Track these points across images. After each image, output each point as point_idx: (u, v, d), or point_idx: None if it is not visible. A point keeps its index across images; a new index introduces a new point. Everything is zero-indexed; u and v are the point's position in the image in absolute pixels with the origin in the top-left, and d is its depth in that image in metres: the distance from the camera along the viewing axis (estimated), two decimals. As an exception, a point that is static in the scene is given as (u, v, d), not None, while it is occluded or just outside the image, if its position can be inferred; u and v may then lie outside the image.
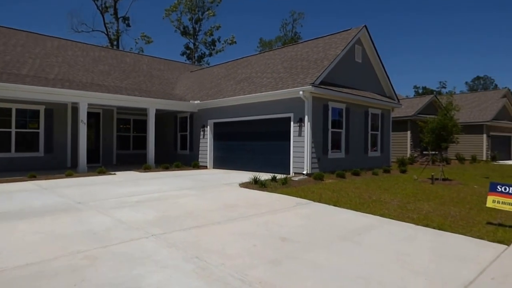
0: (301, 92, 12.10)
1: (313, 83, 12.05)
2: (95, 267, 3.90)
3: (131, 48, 43.39)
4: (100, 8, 40.51)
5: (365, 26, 15.28)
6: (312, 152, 12.43)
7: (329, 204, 7.58)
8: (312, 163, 12.42)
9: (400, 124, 22.07)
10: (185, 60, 45.19)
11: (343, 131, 13.98)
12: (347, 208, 7.22)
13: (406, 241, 5.08)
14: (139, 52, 36.97)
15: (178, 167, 15.67)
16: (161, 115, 18.98)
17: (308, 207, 7.36)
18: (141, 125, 19.26)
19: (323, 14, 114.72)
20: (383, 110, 16.48)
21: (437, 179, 11.90)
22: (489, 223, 6.04)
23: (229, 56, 76.26)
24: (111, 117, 18.14)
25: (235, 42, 46.72)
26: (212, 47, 47.29)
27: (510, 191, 5.86)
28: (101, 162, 17.39)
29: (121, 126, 19.13)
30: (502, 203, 5.91)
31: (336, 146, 13.77)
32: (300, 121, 12.47)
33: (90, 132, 16.53)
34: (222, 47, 47.18)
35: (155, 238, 5.00)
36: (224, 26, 71.56)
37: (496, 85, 79.76)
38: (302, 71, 13.77)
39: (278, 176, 11.10)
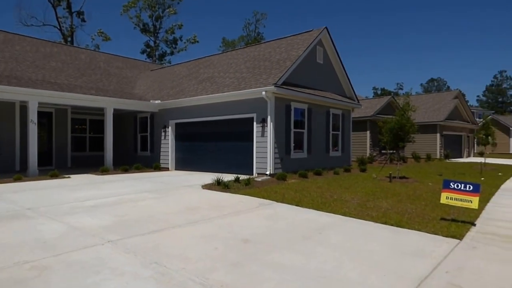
0: (263, 93, 12.11)
1: (275, 84, 12.10)
2: (44, 277, 3.61)
3: (87, 45, 41.44)
4: (52, 1, 38.25)
5: (326, 27, 15.61)
6: (275, 153, 12.48)
7: (292, 204, 7.61)
8: (275, 163, 12.47)
9: (360, 124, 22.79)
10: (146, 59, 43.90)
11: (305, 131, 14.17)
12: (310, 207, 7.28)
13: (366, 238, 5.19)
14: (95, 49, 35.37)
15: (138, 169, 15.14)
16: (120, 115, 18.26)
17: (271, 207, 7.34)
18: (98, 126, 18.42)
19: (286, 15, 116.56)
20: (343, 110, 16.91)
21: (394, 177, 12.38)
22: (443, 218, 6.32)
23: (192, 55, 75.38)
24: (65, 117, 17.17)
25: (198, 41, 46.13)
26: (174, 46, 46.36)
27: (462, 188, 6.17)
28: (54, 165, 16.41)
29: (76, 126, 18.18)
30: (454, 199, 6.20)
31: (298, 146, 13.93)
32: (263, 121, 12.48)
33: (41, 133, 15.55)
34: (185, 46, 46.41)
35: (111, 244, 4.74)
36: (187, 25, 70.69)
37: (448, 87, 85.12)
38: (265, 72, 13.80)
39: (242, 177, 11.03)
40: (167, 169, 16.00)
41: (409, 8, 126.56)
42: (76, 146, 18.05)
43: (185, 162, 15.72)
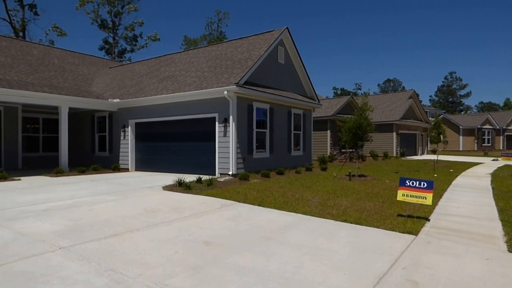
0: (225, 92, 12.00)
1: (237, 83, 12.03)
2: (-19, 293, 3.30)
3: (41, 39, 39.16)
4: (1, -8, 35.73)
5: (287, 28, 15.76)
6: (237, 153, 12.41)
7: (254, 204, 7.58)
8: (237, 163, 12.40)
9: (321, 124, 23.29)
10: (104, 55, 42.24)
11: (267, 131, 14.23)
12: (272, 207, 7.28)
13: (327, 237, 5.25)
14: (49, 45, 33.42)
15: (96, 170, 14.47)
16: (76, 114, 17.36)
17: (233, 208, 7.27)
18: (53, 125, 17.40)
19: (248, 15, 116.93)
20: (305, 110, 17.18)
21: (354, 175, 12.74)
22: (400, 215, 6.56)
23: (153, 53, 73.40)
24: (15, 116, 16.03)
25: (159, 39, 45.05)
26: (134, 43, 44.93)
27: (417, 185, 6.44)
28: (2, 166, 15.29)
29: (28, 125, 17.07)
30: (410, 196, 6.46)
31: (261, 146, 13.96)
32: (225, 121, 12.37)
33: (-13, 133, 14.42)
34: (145, 44, 45.12)
35: (63, 251, 4.45)
36: (148, 23, 68.61)
37: (403, 87, 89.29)
38: (226, 71, 13.68)
39: (204, 177, 10.85)
40: (126, 170, 15.42)
41: (365, 10, 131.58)
42: (29, 146, 16.96)
43: (145, 163, 15.24)
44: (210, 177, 11.10)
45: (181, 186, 9.60)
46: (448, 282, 3.64)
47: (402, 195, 6.56)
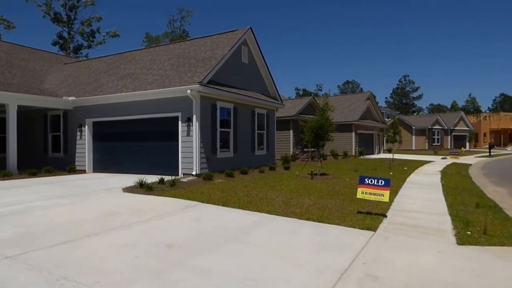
0: (188, 91, 11.81)
1: (201, 82, 11.87)
2: None
3: (-15, 32, 36.32)
4: None
5: (251, 28, 15.81)
6: (201, 152, 12.26)
7: (218, 204, 7.52)
8: (201, 163, 12.25)
9: (284, 124, 23.60)
10: (58, 51, 39.97)
11: (231, 130, 14.18)
12: (236, 207, 7.26)
13: (290, 235, 5.32)
14: (-5, 38, 31.11)
15: (50, 172, 13.67)
16: (27, 113, 16.27)
17: (197, 209, 7.16)
18: (0, 124, 16.19)
19: (211, 14, 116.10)
20: (268, 110, 17.32)
21: (316, 174, 13.03)
22: (359, 212, 6.79)
23: (112, 50, 70.62)
24: (-46, 115, 14.76)
25: (118, 35, 43.37)
26: (91, 39, 42.95)
27: (375, 183, 6.70)
28: None
29: (-29, 125, 15.74)
30: (369, 194, 6.71)
31: (225, 145, 13.90)
32: (189, 120, 12.17)
33: None
34: (103, 40, 43.26)
35: (10, 260, 4.14)
36: (107, 18, 65.93)
37: (361, 89, 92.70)
38: (190, 70, 13.47)
39: (167, 178, 10.60)
40: (83, 171, 14.71)
41: (325, 13, 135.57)
42: (-30, 148, 15.63)
43: (104, 164, 14.62)
44: (173, 177, 10.86)
45: (142, 188, 9.31)
46: (405, 275, 3.82)
47: (361, 192, 6.80)
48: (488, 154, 33.46)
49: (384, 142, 36.76)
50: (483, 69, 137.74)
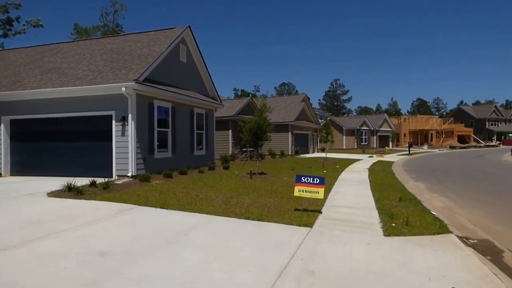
0: (123, 89, 11.23)
1: (137, 80, 11.36)
2: None
3: None
4: None
5: (189, 26, 15.55)
6: (137, 153, 11.73)
7: (156, 207, 7.27)
8: (137, 164, 11.73)
9: (223, 124, 23.60)
10: (-33, 39, 35.35)
11: (169, 130, 13.80)
12: (175, 209, 7.09)
13: (231, 235, 5.35)
14: None
15: (-44, 177, 12.04)
16: None
17: (133, 212, 6.85)
18: None
19: (147, 8, 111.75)
20: (207, 110, 17.18)
21: (254, 173, 13.24)
22: (297, 209, 7.05)
23: (34, 41, 64.27)
24: None
25: (42, 26, 39.49)
26: (8, 27, 38.63)
27: (311, 181, 7.00)
28: None
29: None
30: (305, 192, 7.00)
31: (162, 145, 13.47)
32: (124, 119, 11.57)
33: None
34: (23, 29, 39.16)
35: None
36: (29, 7, 59.76)
37: (297, 91, 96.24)
38: (124, 66, 12.81)
39: (99, 180, 9.94)
40: (-1, 175, 13.20)
41: (265, 15, 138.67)
42: None
43: (26, 166, 13.24)
44: (107, 179, 10.21)
45: (71, 191, 8.63)
46: (340, 269, 4.06)
47: (298, 190, 7.06)
48: (408, 152, 36.89)
49: (318, 141, 38.65)
50: (403, 77, 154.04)
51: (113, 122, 11.72)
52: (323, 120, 28.14)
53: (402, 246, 4.96)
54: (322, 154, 26.46)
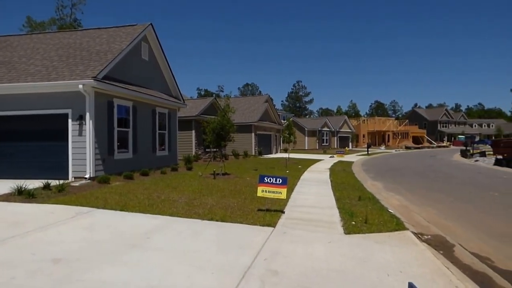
0: (81, 86, 10.71)
1: (95, 77, 10.88)
2: None
3: None
4: None
5: (151, 24, 15.16)
6: (95, 153, 11.23)
7: (116, 209, 7.01)
8: (96, 165, 11.23)
9: (186, 124, 23.23)
10: None
11: (130, 130, 13.35)
12: (136, 211, 6.88)
13: (194, 237, 5.27)
14: None
15: None
16: None
17: (91, 215, 6.56)
18: None
19: (107, 5, 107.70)
20: (170, 109, 16.84)
21: (218, 174, 13.17)
22: (260, 209, 7.09)
23: (-21, 32, 59.69)
24: None
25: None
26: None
27: (274, 181, 7.08)
28: None
29: None
30: (268, 192, 7.06)
31: (123, 145, 13.01)
32: (81, 118, 11.03)
33: None
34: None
35: None
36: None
37: (260, 92, 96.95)
38: (82, 62, 12.24)
39: (54, 182, 9.40)
40: None
41: (231, 16, 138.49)
42: None
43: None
44: (62, 181, 9.66)
45: (21, 195, 8.10)
46: (302, 267, 4.13)
47: (261, 191, 7.11)
48: (366, 152, 38.35)
49: (281, 142, 39.13)
50: (362, 80, 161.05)
51: (70, 121, 11.15)
52: (285, 121, 28.59)
53: (362, 243, 5.15)
54: (285, 155, 26.82)
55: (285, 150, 28.18)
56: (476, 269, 4.58)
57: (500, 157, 22.83)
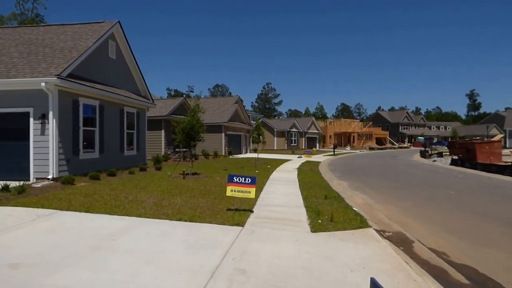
0: (43, 84, 10.29)
1: (59, 75, 10.49)
2: None
3: None
4: None
5: (119, 22, 14.81)
6: (59, 153, 10.83)
7: (80, 211, 6.82)
8: (59, 165, 10.83)
9: (155, 124, 22.85)
10: None
11: (97, 129, 12.97)
12: (102, 212, 6.73)
13: (162, 238, 5.24)
14: None
15: None
16: None
17: (53, 218, 6.34)
18: None
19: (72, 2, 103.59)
20: (138, 109, 16.51)
21: (188, 174, 13.08)
22: (229, 209, 7.15)
23: None
24: None
25: None
26: None
27: (243, 181, 7.16)
28: None
29: None
30: (237, 191, 7.13)
31: (89, 145, 12.62)
32: (43, 117, 10.60)
33: None
34: None
35: None
36: None
37: (230, 93, 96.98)
38: (44, 60, 11.75)
39: (13, 184, 9.00)
40: None
41: (204, 13, 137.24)
42: None
43: None
44: (22, 183, 9.24)
45: (-23, 197, 7.70)
46: (270, 266, 4.24)
47: (230, 190, 7.17)
48: (333, 153, 39.33)
49: (251, 142, 39.33)
50: (329, 83, 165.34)
51: (31, 120, 10.68)
52: (255, 122, 28.81)
53: (327, 241, 5.34)
54: (255, 155, 26.99)
55: (255, 150, 28.37)
56: (433, 263, 4.89)
57: (455, 157, 24.27)
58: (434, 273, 4.43)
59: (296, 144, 54.05)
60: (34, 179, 10.59)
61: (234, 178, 7.22)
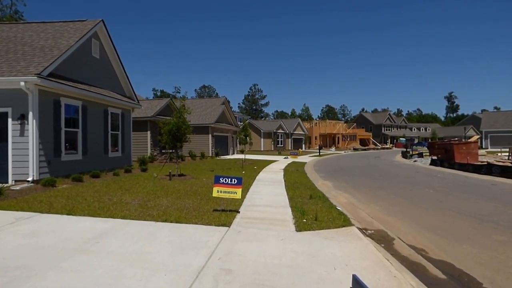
0: (22, 83, 10.05)
1: (39, 74, 10.26)
2: None
3: None
4: None
5: (103, 20, 14.58)
6: (40, 155, 10.59)
7: (62, 213, 6.68)
8: (40, 167, 10.59)
9: (141, 124, 22.57)
10: None
11: (79, 130, 12.74)
12: (85, 215, 6.61)
13: (147, 240, 5.18)
14: None
15: None
16: None
17: (34, 221, 6.18)
18: None
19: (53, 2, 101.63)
20: (123, 110, 16.29)
21: (174, 175, 12.98)
22: (215, 210, 7.14)
23: None
24: None
25: None
26: None
27: (229, 182, 7.16)
28: None
29: None
30: (224, 192, 7.12)
31: (71, 147, 12.38)
32: (23, 118, 10.35)
33: None
34: None
35: None
36: None
37: (217, 94, 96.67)
38: (24, 58, 11.48)
39: (-9, 186, 8.76)
40: None
41: (185, 18, 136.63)
42: None
43: None
44: (1, 185, 9.02)
45: (-47, 200, 7.46)
46: (255, 265, 4.25)
47: (217, 191, 7.16)
48: (318, 154, 39.66)
49: (237, 143, 39.29)
50: (315, 85, 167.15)
51: (9, 120, 10.42)
52: (242, 123, 28.81)
53: (312, 239, 5.39)
54: (241, 156, 27.00)
55: (242, 151, 28.34)
56: (413, 259, 5.00)
57: (435, 157, 24.87)
58: (413, 269, 4.54)
59: (282, 145, 54.29)
60: (13, 181, 10.32)
61: (221, 179, 7.21)
